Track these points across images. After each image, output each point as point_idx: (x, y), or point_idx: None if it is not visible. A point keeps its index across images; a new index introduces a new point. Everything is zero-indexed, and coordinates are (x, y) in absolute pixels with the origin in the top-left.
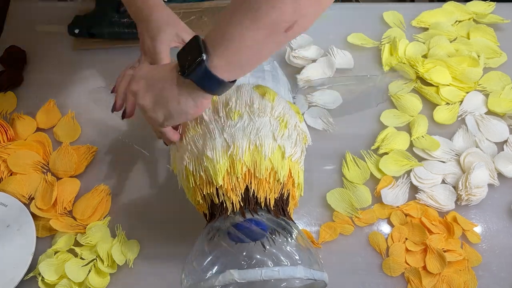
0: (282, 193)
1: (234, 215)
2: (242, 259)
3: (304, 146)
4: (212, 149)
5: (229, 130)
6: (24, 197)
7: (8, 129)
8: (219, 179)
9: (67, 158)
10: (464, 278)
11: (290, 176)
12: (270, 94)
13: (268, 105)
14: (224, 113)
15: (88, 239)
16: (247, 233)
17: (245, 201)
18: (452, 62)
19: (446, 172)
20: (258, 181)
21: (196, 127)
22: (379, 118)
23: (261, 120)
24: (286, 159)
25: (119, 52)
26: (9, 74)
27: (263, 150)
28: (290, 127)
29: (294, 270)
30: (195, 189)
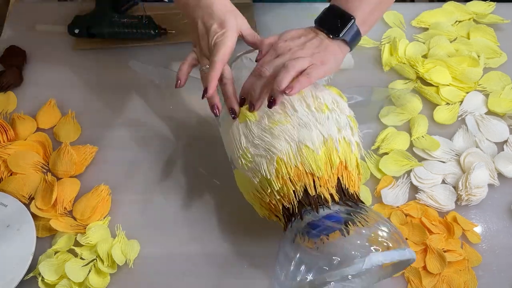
0: (344, 184)
1: (309, 213)
2: (331, 258)
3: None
4: (311, 140)
5: (323, 123)
6: (24, 197)
7: (8, 129)
8: (322, 170)
9: (67, 158)
10: (464, 278)
11: (358, 165)
12: (342, 95)
13: (345, 105)
14: (316, 106)
15: (88, 239)
16: (324, 230)
17: (339, 193)
18: (452, 62)
19: (446, 172)
20: (348, 174)
21: (288, 118)
22: (379, 117)
23: (343, 118)
24: (355, 153)
25: (119, 52)
26: (9, 74)
27: (351, 145)
28: (356, 124)
29: (400, 252)
30: (286, 182)
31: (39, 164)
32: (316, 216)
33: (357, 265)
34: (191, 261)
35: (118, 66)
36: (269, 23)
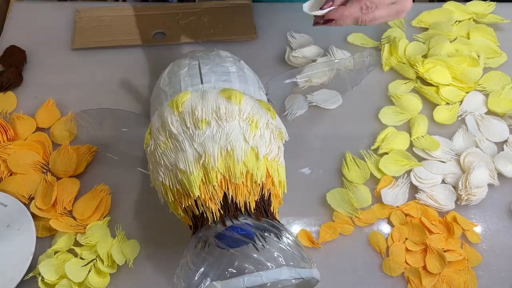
0: (263, 194)
1: (216, 224)
2: (225, 269)
3: (281, 142)
4: (184, 161)
5: (198, 140)
6: (24, 197)
7: (8, 129)
8: (195, 191)
9: (67, 158)
10: (464, 278)
11: (269, 175)
12: (236, 96)
13: (235, 108)
14: (192, 123)
15: (88, 239)
16: (230, 242)
17: (225, 208)
18: (452, 62)
19: (446, 172)
20: (235, 186)
21: (167, 141)
22: (379, 117)
23: (230, 125)
24: (262, 159)
25: (119, 52)
26: (9, 74)
27: (235, 154)
28: (261, 127)
29: (278, 272)
30: (175, 203)
31: (39, 164)
32: (222, 229)
33: (272, 273)
34: None
35: (118, 66)
36: (268, 24)
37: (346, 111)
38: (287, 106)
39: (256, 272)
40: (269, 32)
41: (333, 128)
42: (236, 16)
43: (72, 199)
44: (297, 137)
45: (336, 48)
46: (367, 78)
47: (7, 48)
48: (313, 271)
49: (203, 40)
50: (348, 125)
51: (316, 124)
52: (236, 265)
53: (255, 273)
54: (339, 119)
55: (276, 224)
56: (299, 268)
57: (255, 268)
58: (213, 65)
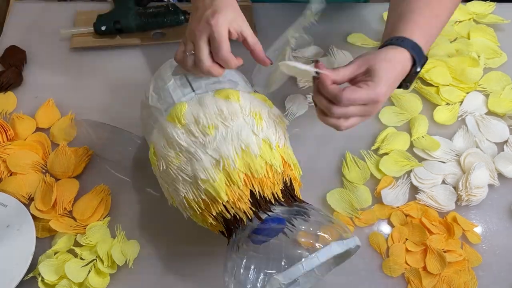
0: (285, 181)
1: (251, 221)
2: (276, 260)
3: (284, 128)
4: (203, 170)
5: (211, 146)
6: (24, 197)
7: (8, 129)
8: (223, 195)
9: (64, 159)
10: (464, 279)
11: (285, 162)
12: (233, 94)
13: (236, 106)
14: (199, 132)
15: (88, 239)
16: (267, 233)
17: (255, 204)
18: (452, 62)
19: (446, 173)
20: (259, 181)
21: (179, 156)
22: (379, 117)
23: (237, 123)
24: (275, 148)
25: (118, 52)
26: (9, 74)
27: (251, 150)
28: (265, 118)
29: (330, 249)
30: (203, 214)
31: (38, 165)
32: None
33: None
34: (191, 261)
35: (118, 66)
36: (268, 24)
37: None
38: (287, 106)
39: (311, 255)
40: (269, 32)
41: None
42: None
43: (72, 200)
44: (297, 137)
45: (336, 48)
46: None
47: (7, 48)
48: (356, 239)
49: None
50: None
51: (316, 124)
52: (285, 254)
53: (310, 255)
54: None
55: (307, 205)
56: (345, 240)
57: (308, 251)
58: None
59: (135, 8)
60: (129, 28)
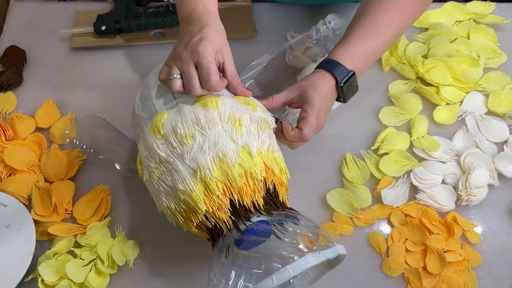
0: (268, 188)
1: (231, 231)
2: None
3: (271, 131)
4: (181, 181)
5: (188, 156)
6: (24, 197)
7: (6, 129)
8: (201, 206)
9: (56, 162)
10: (464, 279)
11: (268, 168)
12: (212, 101)
13: (214, 114)
14: (177, 142)
15: (88, 240)
16: (250, 244)
17: (235, 213)
18: (452, 62)
19: (446, 173)
20: (239, 189)
21: (159, 167)
22: (379, 117)
23: (214, 131)
24: (256, 155)
25: (118, 52)
26: (9, 74)
27: (228, 159)
28: (245, 123)
29: (304, 261)
30: (186, 223)
31: (34, 165)
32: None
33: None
34: (191, 261)
35: (118, 66)
36: (268, 24)
37: (346, 111)
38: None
39: (282, 268)
40: (269, 32)
41: (333, 128)
42: (236, 16)
43: (71, 200)
44: None
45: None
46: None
47: (7, 48)
48: (337, 248)
49: None
50: (348, 125)
51: None
52: (262, 266)
53: (282, 269)
54: (339, 119)
55: (289, 212)
56: (323, 250)
57: (281, 264)
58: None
59: (135, 8)
60: (129, 28)
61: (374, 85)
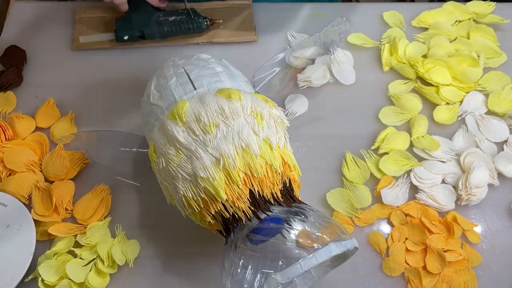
0: (284, 182)
1: (250, 221)
2: (273, 260)
3: (285, 129)
4: (203, 169)
5: (211, 144)
6: (24, 197)
7: (6, 128)
8: (222, 194)
9: (59, 162)
10: (464, 278)
11: (285, 162)
12: (235, 94)
13: (237, 106)
14: (200, 130)
15: (89, 240)
16: (266, 233)
17: (254, 204)
18: (452, 62)
19: (446, 172)
20: (259, 180)
21: (178, 154)
22: (379, 117)
23: (238, 122)
24: (275, 149)
25: (119, 52)
26: (9, 74)
27: (251, 150)
28: (266, 118)
29: (328, 249)
30: (202, 213)
31: (34, 164)
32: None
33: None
34: (191, 261)
35: (118, 66)
36: (268, 24)
37: (346, 111)
38: (287, 106)
39: (310, 255)
40: (269, 32)
41: (333, 128)
42: (237, 17)
43: (71, 199)
44: (297, 137)
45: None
46: (367, 78)
47: (7, 48)
48: (354, 241)
49: (203, 41)
50: (348, 125)
51: (316, 124)
52: (282, 254)
53: (308, 256)
54: (339, 119)
55: (306, 206)
56: (344, 241)
57: (305, 252)
58: (199, 69)
59: (155, 15)
60: (151, 36)
61: (374, 85)
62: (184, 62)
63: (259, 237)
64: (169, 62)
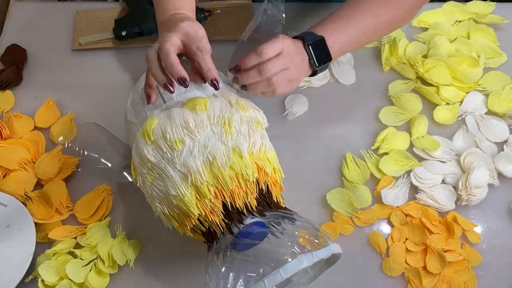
0: (261, 189)
1: (224, 235)
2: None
3: (263, 130)
4: (173, 186)
5: (179, 161)
6: (22, 196)
7: (3, 128)
8: (194, 210)
9: (53, 163)
10: (464, 278)
11: (260, 168)
12: (200, 104)
13: (203, 117)
14: (167, 147)
15: (89, 240)
16: (244, 246)
17: (229, 215)
18: (452, 62)
19: (446, 172)
20: (230, 192)
21: (151, 173)
22: (379, 117)
23: (203, 135)
24: (246, 156)
25: (119, 53)
26: (8, 73)
27: (218, 162)
28: (235, 124)
29: (296, 263)
30: (181, 227)
31: (27, 162)
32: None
33: (289, 267)
34: (191, 260)
35: (118, 66)
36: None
37: (346, 111)
38: (287, 106)
39: (274, 271)
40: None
41: (333, 128)
42: (237, 16)
43: (68, 196)
44: (297, 137)
45: None
46: (367, 78)
47: (8, 47)
48: (331, 248)
49: None
50: (348, 125)
51: (316, 124)
52: (256, 269)
53: (273, 272)
54: (339, 119)
55: (282, 213)
56: (316, 251)
57: (274, 266)
58: None
59: (151, 10)
60: (149, 31)
61: (374, 85)
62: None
63: (242, 244)
64: (143, 75)
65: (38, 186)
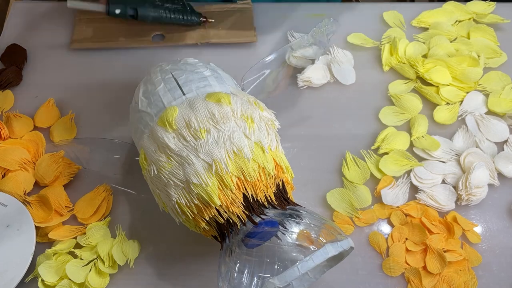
0: (278, 184)
1: (244, 225)
2: (269, 264)
3: (275, 131)
4: (195, 175)
5: (203, 150)
6: (21, 196)
7: (2, 128)
8: (216, 200)
9: (53, 167)
10: (464, 278)
11: (277, 165)
12: (224, 98)
13: (228, 110)
14: (191, 136)
15: (89, 240)
16: (261, 237)
17: (249, 208)
18: (452, 62)
19: (446, 172)
20: (252, 184)
21: (170, 161)
22: (379, 117)
23: (229, 127)
24: (267, 151)
25: (118, 54)
26: (8, 73)
27: (243, 153)
28: (256, 121)
29: (325, 251)
30: (196, 219)
31: (27, 163)
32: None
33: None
34: (191, 261)
35: (118, 67)
36: (268, 24)
37: (346, 111)
38: None
39: (306, 257)
40: (269, 32)
41: (333, 128)
42: (236, 19)
43: (67, 197)
44: (297, 137)
45: (337, 48)
46: (367, 78)
47: (8, 46)
48: (349, 241)
49: (201, 42)
50: (348, 125)
51: (316, 124)
52: (278, 257)
53: (305, 258)
54: (339, 119)
55: (300, 208)
56: (340, 241)
57: (301, 254)
58: (187, 73)
59: None
60: (144, 17)
61: (374, 85)
62: (171, 67)
63: (255, 241)
64: (156, 67)
65: (38, 186)
